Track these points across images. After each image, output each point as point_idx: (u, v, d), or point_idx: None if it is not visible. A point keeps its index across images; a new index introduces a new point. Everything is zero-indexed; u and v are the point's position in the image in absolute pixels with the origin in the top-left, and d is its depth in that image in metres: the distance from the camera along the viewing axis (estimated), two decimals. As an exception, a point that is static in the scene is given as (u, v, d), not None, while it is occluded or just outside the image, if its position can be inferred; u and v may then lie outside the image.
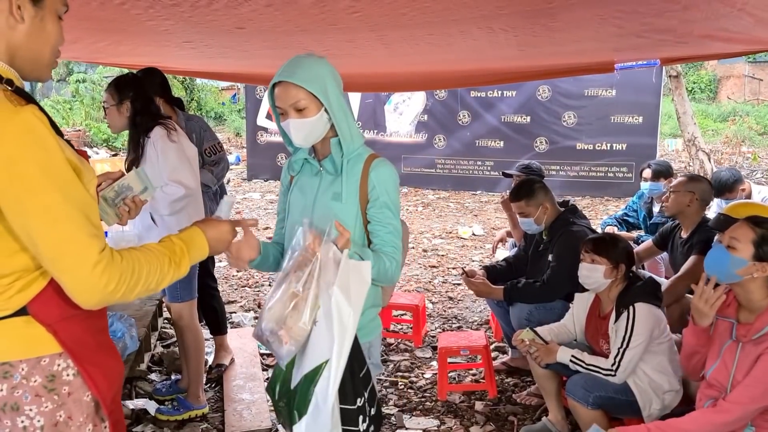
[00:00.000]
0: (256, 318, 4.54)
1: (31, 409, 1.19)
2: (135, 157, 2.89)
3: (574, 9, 2.36)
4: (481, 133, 9.64)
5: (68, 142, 1.28)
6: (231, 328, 4.20)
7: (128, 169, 2.91)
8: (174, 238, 1.38)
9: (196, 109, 16.16)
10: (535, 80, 8.71)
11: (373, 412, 1.77)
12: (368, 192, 1.83)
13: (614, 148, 9.14)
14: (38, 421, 1.20)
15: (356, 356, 1.73)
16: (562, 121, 9.29)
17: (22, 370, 1.19)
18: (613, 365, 2.53)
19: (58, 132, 1.22)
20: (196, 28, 2.86)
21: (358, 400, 1.68)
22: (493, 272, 3.52)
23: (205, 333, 3.71)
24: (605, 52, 3.42)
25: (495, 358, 3.73)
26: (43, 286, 1.21)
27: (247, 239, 1.80)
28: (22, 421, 1.19)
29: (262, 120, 10.76)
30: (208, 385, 3.49)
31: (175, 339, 3.94)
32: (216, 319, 3.72)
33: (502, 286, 3.27)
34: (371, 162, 1.85)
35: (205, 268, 3.56)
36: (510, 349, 3.69)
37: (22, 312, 1.19)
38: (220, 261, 5.87)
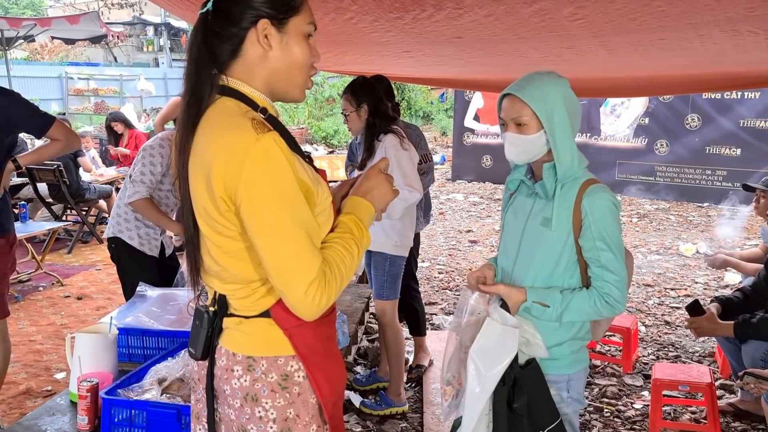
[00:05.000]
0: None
1: (266, 402, 1.31)
2: (367, 157, 3.08)
3: None
4: (713, 138, 8.64)
5: (310, 160, 1.36)
6: (431, 330, 4.27)
7: (360, 168, 3.10)
8: (344, 218, 1.36)
9: (406, 109, 16.77)
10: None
11: None
12: (581, 219, 1.72)
13: None
14: (272, 413, 1.31)
15: (544, 411, 1.73)
16: (819, 125, 7.98)
17: (263, 365, 1.31)
18: None
19: (298, 151, 1.31)
20: (416, 39, 2.93)
21: None
22: (728, 306, 3.08)
23: (405, 333, 3.82)
24: None
25: (720, 397, 3.32)
26: None
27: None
28: (259, 412, 1.31)
29: (469, 121, 10.82)
30: (409, 384, 3.59)
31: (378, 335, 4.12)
32: (416, 319, 3.82)
33: (731, 321, 2.87)
34: (586, 188, 1.73)
35: (409, 269, 3.65)
36: (740, 389, 3.25)
37: (266, 314, 1.31)
38: (423, 262, 6.02)
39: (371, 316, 4.49)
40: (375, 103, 3.11)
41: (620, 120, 9.37)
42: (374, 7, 2.32)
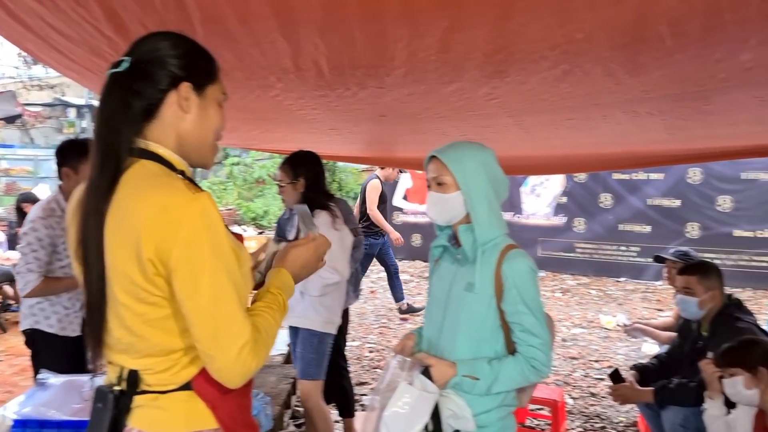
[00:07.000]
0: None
1: None
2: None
3: (730, 91, 2.19)
4: (625, 216, 9.16)
5: (225, 227, 1.35)
6: (361, 410, 4.15)
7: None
8: (273, 290, 1.38)
9: (337, 189, 16.99)
10: (685, 164, 8.22)
11: None
12: (502, 284, 1.77)
13: (781, 236, 8.28)
14: None
15: None
16: (715, 205, 8.60)
17: None
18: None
19: None
20: (341, 116, 3.01)
21: None
22: (645, 373, 3.18)
23: (334, 415, 3.69)
24: (766, 135, 3.13)
25: (645, 468, 3.35)
26: None
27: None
28: None
29: (398, 200, 11.03)
30: (336, 469, 3.44)
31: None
32: (345, 400, 3.70)
33: (651, 388, 2.95)
34: (506, 252, 1.79)
35: (337, 347, 3.57)
36: (663, 458, 3.29)
37: (186, 387, 1.25)
38: (353, 341, 5.92)
39: (298, 399, 4.32)
40: (313, 177, 3.07)
41: (540, 199, 9.80)
42: (299, 85, 2.38)
